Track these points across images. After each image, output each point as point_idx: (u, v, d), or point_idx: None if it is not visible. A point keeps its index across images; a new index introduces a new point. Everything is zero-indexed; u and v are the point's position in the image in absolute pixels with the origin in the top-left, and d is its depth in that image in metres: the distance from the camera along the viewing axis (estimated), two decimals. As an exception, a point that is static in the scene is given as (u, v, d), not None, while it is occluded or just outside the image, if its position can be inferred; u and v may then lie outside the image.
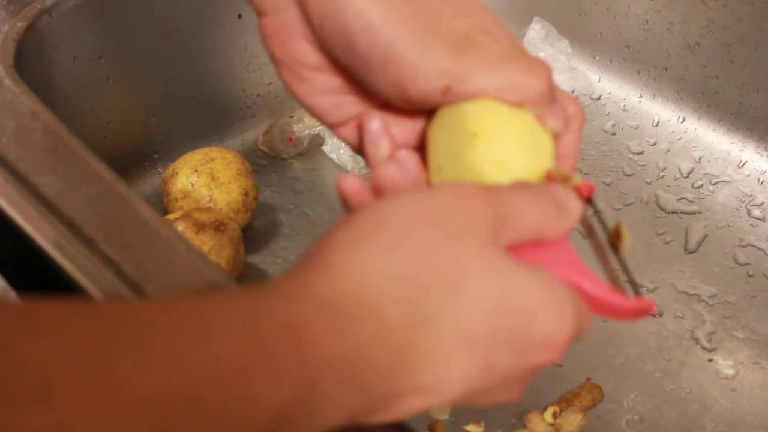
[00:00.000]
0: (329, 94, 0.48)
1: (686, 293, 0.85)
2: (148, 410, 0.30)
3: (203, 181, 0.83)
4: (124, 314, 0.33)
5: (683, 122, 0.99)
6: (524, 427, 0.74)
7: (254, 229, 0.88)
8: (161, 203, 0.86)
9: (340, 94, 0.48)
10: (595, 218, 0.45)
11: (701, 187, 0.95)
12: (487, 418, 0.74)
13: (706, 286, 0.86)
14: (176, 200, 0.83)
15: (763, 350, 0.81)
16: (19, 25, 0.76)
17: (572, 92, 1.02)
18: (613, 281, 0.43)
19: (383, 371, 0.37)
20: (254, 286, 0.38)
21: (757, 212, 0.92)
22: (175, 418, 0.30)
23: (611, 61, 1.04)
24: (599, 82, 1.04)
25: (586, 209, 0.44)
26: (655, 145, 0.99)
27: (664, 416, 0.76)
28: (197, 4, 0.90)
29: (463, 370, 0.38)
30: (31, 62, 0.76)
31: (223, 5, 0.92)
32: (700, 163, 0.97)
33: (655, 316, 0.83)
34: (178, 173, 0.84)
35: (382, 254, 0.37)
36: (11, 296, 0.57)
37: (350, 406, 0.37)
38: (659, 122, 1.00)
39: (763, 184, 0.94)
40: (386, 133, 0.47)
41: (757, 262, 0.88)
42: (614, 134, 1.00)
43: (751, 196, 0.94)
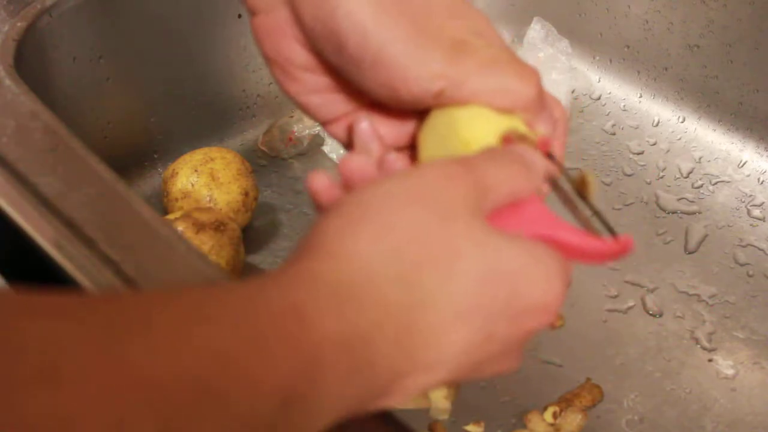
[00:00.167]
0: (321, 92, 0.48)
1: (686, 293, 0.85)
2: (154, 394, 0.30)
3: (203, 181, 0.83)
4: (126, 301, 0.34)
5: (683, 122, 0.99)
6: (524, 427, 0.74)
7: (254, 229, 0.88)
8: (161, 203, 0.86)
9: (331, 92, 0.48)
10: (564, 173, 0.46)
11: (701, 187, 0.95)
12: (487, 418, 0.74)
13: (706, 286, 0.86)
14: (176, 200, 0.83)
15: (763, 350, 0.81)
16: (19, 25, 0.77)
17: (572, 92, 1.02)
18: (587, 228, 0.44)
19: (387, 351, 0.37)
20: (252, 277, 0.38)
21: (757, 212, 0.92)
22: (180, 402, 0.30)
23: (611, 61, 1.04)
24: (599, 82, 1.04)
25: (548, 163, 0.45)
26: (655, 145, 0.99)
27: (664, 416, 0.76)
28: (197, 4, 0.90)
29: (464, 342, 0.39)
30: (31, 62, 0.76)
31: (223, 5, 0.92)
32: (700, 163, 0.97)
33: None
34: (178, 173, 0.84)
35: (373, 239, 0.38)
36: (11, 296, 0.57)
37: (356, 390, 0.37)
38: (659, 122, 1.00)
39: (763, 184, 0.94)
40: (375, 134, 0.47)
41: (757, 262, 0.88)
42: (614, 134, 1.00)
43: (751, 196, 0.94)
